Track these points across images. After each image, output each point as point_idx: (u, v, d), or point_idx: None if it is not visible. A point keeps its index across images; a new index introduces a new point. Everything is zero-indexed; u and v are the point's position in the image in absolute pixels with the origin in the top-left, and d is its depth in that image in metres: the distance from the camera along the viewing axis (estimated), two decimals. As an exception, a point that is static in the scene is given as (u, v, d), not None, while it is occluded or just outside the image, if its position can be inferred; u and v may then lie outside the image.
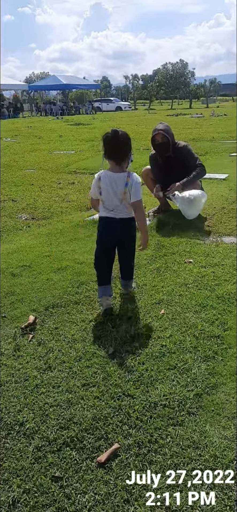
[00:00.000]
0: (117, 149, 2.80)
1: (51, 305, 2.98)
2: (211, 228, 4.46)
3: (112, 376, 2.21)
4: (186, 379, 2.16)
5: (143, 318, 2.76)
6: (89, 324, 2.73)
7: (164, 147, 4.69)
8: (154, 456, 1.75)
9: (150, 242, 4.06)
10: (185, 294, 3.03)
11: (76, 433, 1.87)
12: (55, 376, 2.25)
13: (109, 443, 1.82)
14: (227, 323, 2.65)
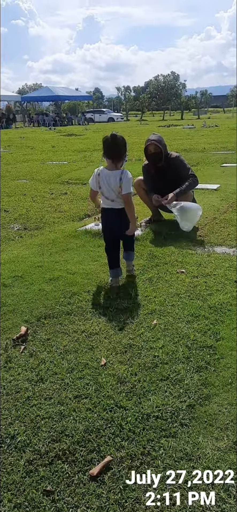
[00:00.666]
0: (114, 150, 3.28)
1: (43, 315, 2.96)
2: (203, 238, 4.48)
3: (105, 388, 2.19)
4: (178, 390, 2.16)
5: (135, 329, 2.75)
6: (82, 335, 2.71)
7: (156, 157, 4.71)
8: (147, 469, 1.73)
9: (142, 252, 4.07)
10: (177, 304, 3.03)
11: (68, 445, 1.85)
12: (47, 388, 2.23)
13: (102, 455, 1.80)
14: (220, 333, 2.65)
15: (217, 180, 7.67)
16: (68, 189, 7.58)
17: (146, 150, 4.79)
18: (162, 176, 4.77)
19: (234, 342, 2.54)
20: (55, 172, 9.49)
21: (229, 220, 4.99)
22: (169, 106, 58.06)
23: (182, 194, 4.65)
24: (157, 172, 4.80)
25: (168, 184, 4.69)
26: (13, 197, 7.09)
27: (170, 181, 4.70)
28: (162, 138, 4.79)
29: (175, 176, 4.72)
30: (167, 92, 56.51)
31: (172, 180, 4.70)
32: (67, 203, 6.43)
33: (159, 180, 4.79)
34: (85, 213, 5.82)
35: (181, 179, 4.72)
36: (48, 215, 5.79)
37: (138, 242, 4.33)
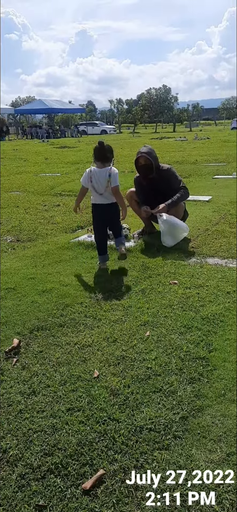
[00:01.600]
0: (102, 153, 3.95)
1: (36, 328, 2.95)
2: (196, 249, 4.50)
3: (98, 400, 2.18)
4: (171, 402, 2.15)
5: (128, 340, 2.75)
6: (74, 347, 2.70)
7: (147, 169, 4.75)
8: (140, 481, 1.71)
9: (135, 263, 4.08)
10: (170, 316, 3.03)
11: (60, 459, 1.83)
12: (39, 401, 2.21)
13: (95, 469, 1.78)
14: (212, 344, 2.65)
15: (209, 191, 7.73)
16: (61, 201, 7.60)
17: (136, 162, 4.82)
18: (154, 188, 4.81)
19: (227, 353, 2.55)
20: (48, 184, 9.51)
21: (221, 232, 5.02)
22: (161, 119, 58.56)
23: (174, 205, 4.68)
24: (149, 184, 4.83)
25: (159, 196, 4.72)
26: (6, 209, 7.08)
27: (161, 192, 4.73)
28: (152, 150, 4.82)
29: (167, 188, 4.76)
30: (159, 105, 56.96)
31: (164, 192, 4.74)
32: (60, 215, 6.44)
33: (151, 192, 4.82)
34: (78, 224, 5.83)
35: (172, 191, 4.75)
36: (41, 227, 5.78)
37: (131, 253, 4.35)
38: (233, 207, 6.33)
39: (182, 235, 4.59)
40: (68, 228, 5.68)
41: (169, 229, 4.51)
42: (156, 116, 57.26)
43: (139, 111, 55.84)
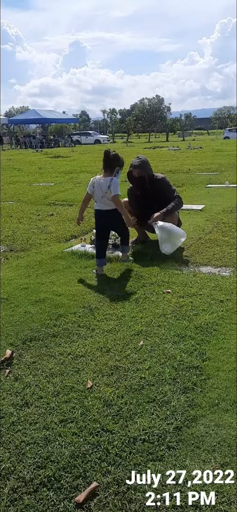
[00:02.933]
0: (106, 163, 4.23)
1: (29, 338, 2.93)
2: (189, 258, 4.51)
3: (91, 411, 2.16)
4: (165, 412, 2.14)
5: (121, 350, 2.74)
6: (68, 357, 2.68)
7: (140, 182, 4.78)
8: (133, 494, 1.70)
9: (129, 272, 4.08)
10: (164, 325, 3.03)
11: (53, 472, 1.81)
12: (32, 413, 2.19)
13: (88, 481, 1.76)
14: (206, 353, 2.65)
15: (202, 200, 7.77)
16: (54, 210, 7.59)
17: (130, 174, 4.85)
18: (148, 198, 4.82)
19: (221, 362, 2.55)
20: (42, 194, 9.51)
21: (214, 240, 5.04)
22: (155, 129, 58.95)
23: (168, 214, 4.70)
24: (142, 194, 4.85)
25: (153, 205, 4.73)
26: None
27: (155, 202, 4.75)
28: (145, 162, 4.84)
29: (160, 197, 4.77)
30: (152, 114, 57.41)
31: (158, 201, 4.75)
32: (54, 225, 6.43)
33: (145, 202, 4.84)
34: (72, 234, 5.82)
35: (166, 200, 4.77)
36: (35, 236, 5.77)
37: (124, 262, 4.35)
38: (226, 215, 6.36)
39: (180, 240, 4.59)
40: (62, 238, 5.67)
41: (166, 236, 4.51)
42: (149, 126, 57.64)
43: (132, 121, 56.21)
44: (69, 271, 4.22)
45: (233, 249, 4.70)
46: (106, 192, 4.13)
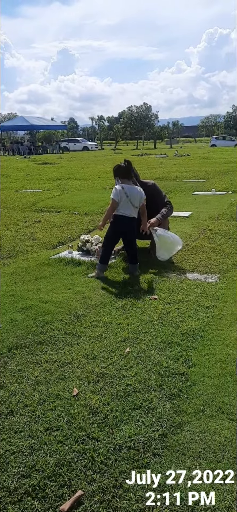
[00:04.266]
0: (128, 171, 4.40)
1: (15, 346, 2.90)
2: (175, 264, 4.53)
3: (77, 419, 2.15)
4: (151, 418, 2.14)
5: (108, 357, 2.73)
6: (54, 365, 2.67)
7: None
8: (119, 502, 1.69)
9: (116, 279, 4.08)
10: (150, 331, 3.04)
11: (38, 481, 1.79)
12: (17, 421, 2.17)
13: (73, 490, 1.75)
14: (192, 359, 2.66)
15: (189, 207, 7.83)
16: (42, 217, 7.56)
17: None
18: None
19: (206, 368, 2.56)
20: (29, 200, 9.47)
21: (200, 247, 5.08)
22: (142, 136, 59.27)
23: (164, 219, 4.72)
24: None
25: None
26: (-15, 225, 6.99)
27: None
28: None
29: (150, 203, 4.79)
30: (140, 122, 57.69)
31: (147, 207, 4.77)
32: (41, 231, 6.40)
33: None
34: (59, 241, 5.81)
35: (157, 206, 4.79)
36: (22, 243, 5.73)
37: (111, 269, 4.36)
38: (213, 222, 6.42)
39: (176, 248, 4.61)
40: (49, 244, 5.65)
41: (165, 243, 4.52)
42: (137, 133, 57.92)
43: (120, 128, 56.46)
44: (56, 278, 4.21)
45: (219, 256, 4.74)
46: (135, 200, 4.25)
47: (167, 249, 4.57)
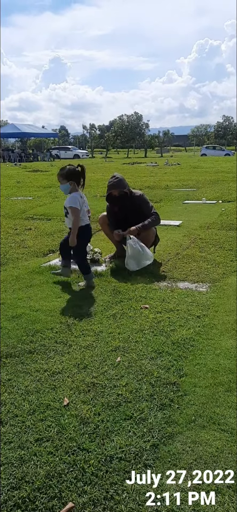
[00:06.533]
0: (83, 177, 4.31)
1: (4, 355, 2.87)
2: (166, 273, 4.54)
3: (67, 429, 2.13)
4: (142, 429, 2.12)
5: (99, 367, 2.71)
6: (44, 374, 2.64)
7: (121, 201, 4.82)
8: (110, 514, 1.68)
9: (106, 288, 4.07)
10: (141, 341, 3.03)
11: (28, 493, 1.77)
12: (7, 432, 2.14)
13: (63, 502, 1.73)
14: (183, 369, 2.66)
15: (179, 216, 7.87)
16: (32, 224, 7.53)
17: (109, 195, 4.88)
18: (125, 214, 4.85)
19: (197, 378, 2.56)
20: (19, 208, 9.42)
21: (191, 256, 5.10)
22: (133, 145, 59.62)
23: (144, 229, 4.75)
24: (120, 210, 4.88)
25: (130, 222, 4.76)
26: None
27: (132, 218, 4.78)
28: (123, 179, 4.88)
29: (138, 213, 4.81)
30: (131, 131, 58.06)
31: (135, 217, 4.79)
32: (32, 239, 6.37)
33: (123, 217, 4.87)
34: (50, 248, 5.78)
35: (144, 217, 4.81)
36: (12, 251, 5.69)
37: (102, 277, 4.35)
38: (203, 231, 6.45)
39: (145, 262, 4.62)
40: (40, 252, 5.61)
41: (134, 253, 4.55)
42: (127, 142, 58.27)
43: (111, 137, 56.74)
44: (46, 286, 4.18)
45: (210, 265, 4.76)
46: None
47: (136, 260, 4.59)
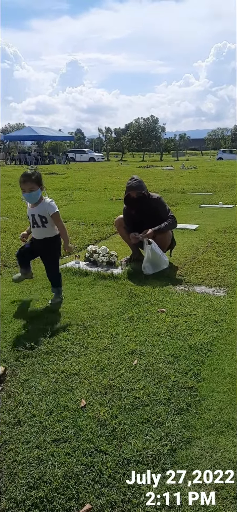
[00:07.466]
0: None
1: (22, 355, 2.89)
2: (183, 277, 4.52)
3: (84, 431, 2.13)
4: (159, 433, 2.11)
5: (115, 369, 2.71)
6: (61, 375, 2.65)
7: (139, 203, 4.81)
8: (128, 517, 1.67)
9: (122, 291, 4.07)
10: (158, 344, 3.02)
11: (46, 493, 1.77)
12: (24, 431, 2.15)
13: (81, 503, 1.73)
14: (200, 374, 2.63)
15: (196, 220, 7.82)
16: (49, 226, 7.57)
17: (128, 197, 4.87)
18: (142, 217, 4.85)
19: (215, 383, 2.53)
20: (36, 210, 9.47)
21: (208, 260, 5.06)
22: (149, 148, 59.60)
23: (160, 232, 4.73)
24: (137, 213, 4.88)
25: (148, 224, 4.75)
26: (-7, 233, 7.02)
27: (149, 221, 4.77)
28: (142, 181, 4.88)
29: (155, 216, 4.80)
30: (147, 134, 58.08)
31: (151, 221, 4.78)
32: (48, 241, 6.40)
33: (139, 220, 4.86)
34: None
35: (160, 220, 4.80)
36: (29, 252, 5.73)
37: (119, 280, 4.35)
38: (220, 236, 6.40)
39: (161, 267, 4.62)
40: (56, 254, 5.64)
41: (154, 258, 4.55)
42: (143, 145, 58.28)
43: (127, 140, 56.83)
44: (63, 288, 4.20)
45: (227, 269, 4.72)
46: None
47: (153, 264, 4.58)
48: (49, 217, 3.70)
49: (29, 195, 3.68)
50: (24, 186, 3.69)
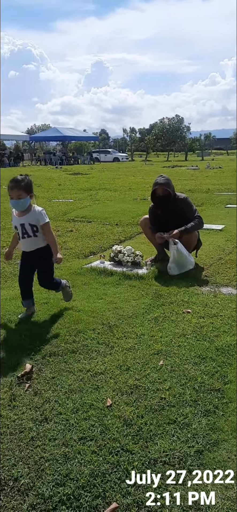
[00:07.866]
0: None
1: (48, 353, 2.93)
2: (209, 278, 4.47)
3: (111, 430, 2.14)
4: (186, 434, 2.10)
5: (141, 369, 2.71)
6: (87, 374, 2.67)
7: (164, 200, 4.77)
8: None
9: (148, 291, 4.06)
10: (184, 345, 2.99)
11: (72, 490, 1.79)
12: (51, 429, 2.18)
13: (107, 502, 1.74)
14: (227, 376, 2.60)
15: (222, 221, 7.72)
16: (74, 226, 7.65)
17: (154, 193, 4.84)
18: (168, 217, 4.82)
19: (242, 385, 2.49)
20: (61, 210, 9.60)
21: (234, 261, 4.99)
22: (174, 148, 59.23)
23: (187, 232, 4.69)
24: (163, 213, 4.85)
25: (173, 225, 4.72)
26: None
27: (175, 221, 4.74)
28: (169, 180, 4.85)
29: (181, 217, 4.76)
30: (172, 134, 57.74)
31: (177, 221, 4.74)
32: (73, 241, 6.47)
33: (165, 220, 4.84)
34: (91, 250, 5.85)
35: (187, 221, 4.76)
36: (54, 252, 5.80)
37: (144, 281, 4.34)
38: (246, 236, 6.29)
39: (187, 267, 4.59)
40: (81, 254, 5.69)
41: (177, 258, 4.52)
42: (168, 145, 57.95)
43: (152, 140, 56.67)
44: (88, 288, 4.23)
45: (254, 271, 4.63)
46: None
47: (179, 265, 4.54)
48: (44, 226, 3.61)
49: (16, 203, 3.49)
50: (12, 192, 3.47)
